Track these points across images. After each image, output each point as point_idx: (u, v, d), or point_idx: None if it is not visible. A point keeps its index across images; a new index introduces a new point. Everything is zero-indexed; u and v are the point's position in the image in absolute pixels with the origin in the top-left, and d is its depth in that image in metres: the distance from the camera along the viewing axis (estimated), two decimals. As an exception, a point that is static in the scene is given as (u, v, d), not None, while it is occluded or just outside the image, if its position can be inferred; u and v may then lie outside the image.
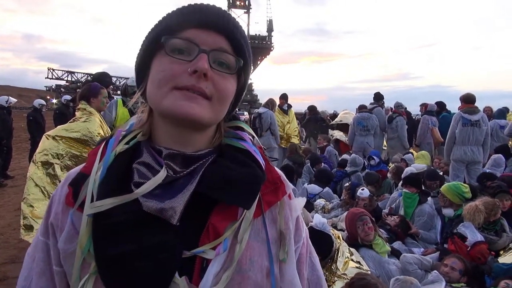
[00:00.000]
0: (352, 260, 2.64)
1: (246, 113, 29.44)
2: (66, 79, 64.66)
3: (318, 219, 2.71)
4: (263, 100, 9.67)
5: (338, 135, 8.38)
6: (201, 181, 0.62)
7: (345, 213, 3.55)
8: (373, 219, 3.22)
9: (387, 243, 3.19)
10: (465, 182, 4.88)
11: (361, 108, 7.64)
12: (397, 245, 3.45)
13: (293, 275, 0.70)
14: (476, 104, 5.56)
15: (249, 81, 0.76)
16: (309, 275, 0.81)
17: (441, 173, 5.29)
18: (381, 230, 3.43)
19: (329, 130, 9.06)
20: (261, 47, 65.20)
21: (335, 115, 10.65)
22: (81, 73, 65.08)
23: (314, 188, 5.11)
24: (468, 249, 3.04)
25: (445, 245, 3.34)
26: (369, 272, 2.60)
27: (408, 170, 4.76)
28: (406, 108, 8.16)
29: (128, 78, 4.39)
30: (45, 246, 0.68)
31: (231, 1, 63.85)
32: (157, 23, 0.66)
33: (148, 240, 0.57)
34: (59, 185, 0.71)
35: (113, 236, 0.58)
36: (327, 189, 5.15)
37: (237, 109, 0.78)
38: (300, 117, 11.05)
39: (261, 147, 0.76)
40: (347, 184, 4.84)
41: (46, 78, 64.14)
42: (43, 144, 3.08)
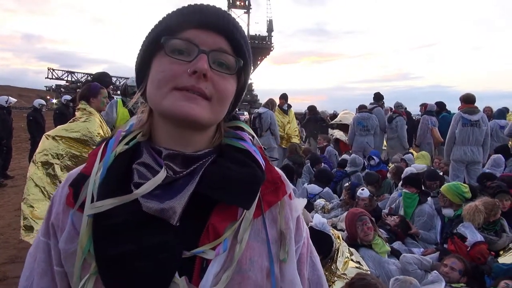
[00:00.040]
0: (352, 260, 2.65)
1: (246, 113, 29.44)
2: (66, 79, 64.71)
3: (318, 219, 2.71)
4: (263, 100, 9.67)
5: (338, 134, 8.39)
6: (201, 181, 0.62)
7: (345, 213, 3.55)
8: (373, 219, 3.22)
9: (387, 243, 3.19)
10: (465, 182, 4.88)
11: (361, 108, 7.65)
12: (397, 245, 3.46)
13: (294, 275, 0.70)
14: (476, 104, 5.56)
15: (249, 81, 0.76)
16: (310, 275, 0.80)
17: (441, 173, 5.29)
18: (381, 230, 3.43)
19: (329, 129, 9.06)
20: (261, 47, 65.21)
21: (335, 115, 10.65)
22: (81, 73, 65.19)
23: (314, 188, 5.11)
24: (468, 249, 3.04)
25: (445, 245, 3.34)
26: (369, 272, 2.60)
27: (408, 170, 4.75)
28: (406, 108, 8.16)
29: (128, 78, 4.38)
30: (46, 246, 0.68)
31: (231, 1, 63.87)
32: (157, 23, 0.66)
33: (148, 240, 0.57)
34: (60, 185, 0.71)
35: (113, 236, 0.58)
36: (327, 189, 5.15)
37: (237, 109, 0.78)
38: (300, 117, 11.04)
39: (261, 147, 0.76)
40: (347, 184, 4.84)
41: (46, 78, 64.27)
42: (43, 144, 3.08)
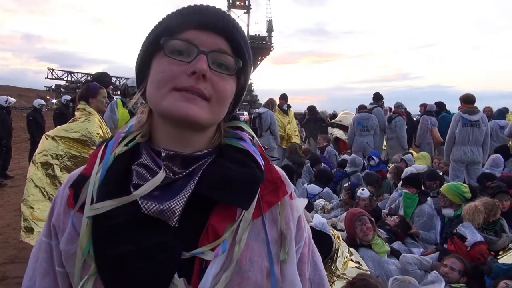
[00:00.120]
0: (351, 260, 2.65)
1: (246, 113, 29.44)
2: (66, 79, 64.75)
3: (318, 219, 2.71)
4: (262, 100, 9.66)
5: (338, 133, 8.39)
6: (200, 181, 0.62)
7: (345, 213, 3.55)
8: (372, 219, 3.22)
9: (387, 243, 3.19)
10: (464, 182, 4.88)
11: (361, 108, 7.66)
12: (397, 245, 3.46)
13: (294, 275, 0.70)
14: (476, 104, 5.56)
15: (249, 81, 0.76)
16: (311, 275, 0.80)
17: (441, 173, 5.29)
18: (381, 230, 3.43)
19: (329, 128, 9.05)
20: (261, 47, 65.25)
21: (334, 115, 10.64)
22: (81, 73, 65.28)
23: (314, 188, 5.12)
24: (467, 250, 3.04)
25: (445, 245, 3.34)
26: (369, 272, 2.60)
27: (408, 170, 4.75)
28: (405, 108, 8.17)
29: (128, 78, 4.36)
30: (48, 247, 0.68)
31: (231, 2, 63.92)
32: (157, 24, 0.66)
33: (147, 241, 0.57)
34: (61, 186, 0.71)
35: (112, 237, 0.58)
36: (327, 189, 5.15)
37: (236, 109, 0.78)
38: (299, 117, 11.05)
39: (261, 146, 0.76)
40: (347, 184, 4.84)
41: (46, 78, 64.34)
42: (42, 144, 3.07)
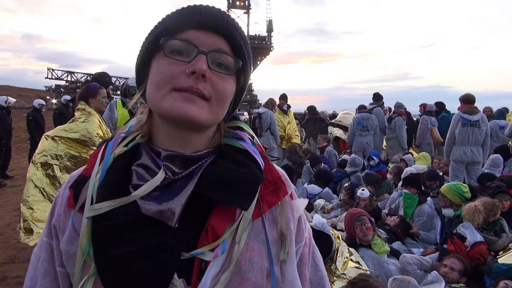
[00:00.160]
0: (351, 260, 2.65)
1: (245, 113, 29.45)
2: (65, 79, 64.77)
3: (317, 219, 2.71)
4: (262, 100, 9.67)
5: (338, 133, 8.38)
6: (200, 182, 0.62)
7: (345, 214, 3.55)
8: (372, 219, 3.22)
9: (386, 243, 3.19)
10: (464, 182, 4.88)
11: (361, 108, 7.66)
12: (397, 245, 3.46)
13: (294, 276, 0.70)
14: (475, 104, 5.56)
15: (249, 81, 0.76)
16: (312, 275, 0.79)
17: (441, 174, 5.29)
18: (381, 230, 3.43)
19: (329, 127, 9.05)
20: (260, 47, 65.34)
21: (334, 115, 10.65)
22: (81, 73, 65.31)
23: (314, 188, 5.12)
24: (467, 250, 3.04)
25: (445, 246, 3.34)
26: (368, 271, 2.60)
27: (408, 170, 4.75)
28: (405, 108, 8.17)
29: (128, 78, 4.33)
30: (49, 247, 0.69)
31: (230, 2, 64.03)
32: (157, 24, 0.66)
33: (146, 242, 0.57)
34: (62, 187, 0.72)
35: (112, 238, 0.58)
36: (326, 189, 5.15)
37: (236, 109, 0.78)
38: (299, 117, 11.05)
39: (261, 146, 0.75)
40: (347, 184, 4.84)
41: (45, 78, 64.36)
42: (42, 144, 3.07)
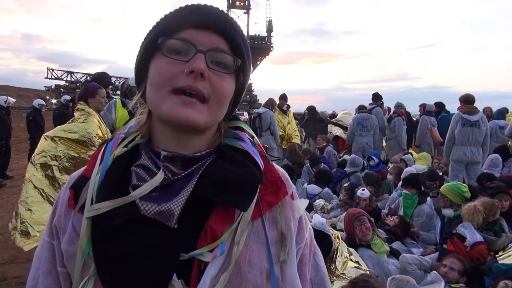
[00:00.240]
0: (351, 260, 2.65)
1: (245, 113, 29.44)
2: (65, 79, 64.80)
3: (317, 219, 2.72)
4: (262, 100, 9.68)
5: (338, 132, 8.37)
6: (199, 183, 0.62)
7: (344, 214, 3.55)
8: (371, 219, 3.22)
9: (386, 243, 3.18)
10: (464, 182, 4.88)
11: (361, 108, 7.66)
12: (397, 245, 3.45)
13: (294, 276, 0.69)
14: (475, 104, 5.56)
15: (249, 81, 0.76)
16: (313, 276, 0.79)
17: (441, 174, 5.28)
18: (380, 230, 3.43)
19: (329, 126, 9.04)
20: (260, 47, 65.37)
21: (334, 116, 10.65)
22: (81, 73, 65.39)
23: (314, 188, 5.11)
24: (467, 250, 3.04)
25: (444, 246, 3.34)
26: (368, 271, 2.60)
27: (408, 170, 4.75)
28: (405, 108, 8.17)
29: (127, 78, 4.29)
30: (51, 247, 0.69)
31: (230, 2, 64.10)
32: (155, 24, 0.66)
33: (145, 242, 0.57)
34: (63, 187, 0.72)
35: (111, 238, 0.58)
36: (326, 189, 5.15)
37: (236, 109, 0.78)
38: (299, 117, 11.05)
39: (262, 146, 0.75)
40: (346, 184, 4.84)
41: (45, 78, 64.45)
42: (41, 145, 3.07)
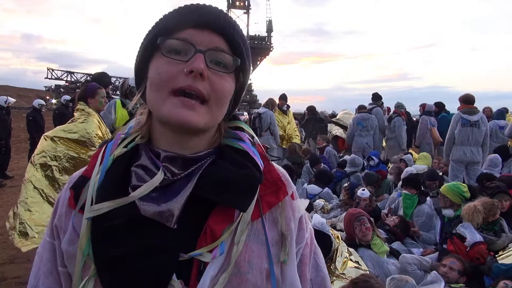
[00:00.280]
0: (350, 260, 2.65)
1: (245, 113, 29.43)
2: (65, 79, 64.76)
3: (317, 219, 2.72)
4: (262, 100, 9.68)
5: (338, 132, 8.36)
6: (199, 183, 0.62)
7: (344, 214, 3.55)
8: (371, 219, 3.22)
9: (386, 243, 3.18)
10: (464, 182, 4.87)
11: (361, 108, 7.66)
12: (396, 245, 3.45)
13: (294, 277, 0.69)
14: (475, 104, 5.56)
15: (249, 82, 0.76)
16: (313, 276, 0.79)
17: (441, 174, 5.28)
18: (380, 230, 3.43)
19: (329, 125, 9.03)
20: (260, 47, 65.36)
21: (333, 115, 10.65)
22: (81, 73, 65.33)
23: (313, 188, 5.11)
24: (467, 250, 3.04)
25: (444, 246, 3.34)
26: (368, 271, 2.60)
27: (408, 170, 4.75)
28: (405, 108, 8.17)
29: (127, 78, 4.27)
30: (52, 247, 0.69)
31: (230, 2, 64.12)
32: (154, 24, 0.66)
33: (145, 243, 0.57)
34: (64, 187, 0.72)
35: (111, 239, 0.58)
36: (326, 189, 5.15)
37: (236, 109, 0.77)
38: (299, 117, 11.06)
39: (262, 146, 0.75)
40: (346, 184, 4.84)
41: (45, 78, 64.38)
42: (41, 145, 3.07)
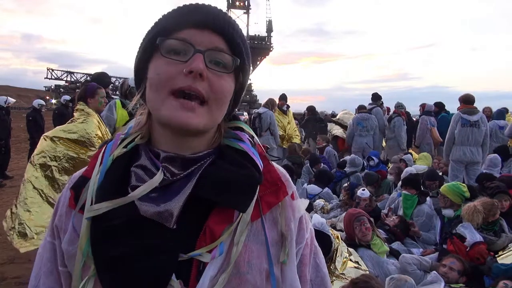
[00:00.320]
0: (350, 260, 2.65)
1: (245, 113, 29.43)
2: (65, 79, 64.74)
3: (317, 219, 2.72)
4: (262, 100, 9.68)
5: (338, 131, 8.36)
6: (198, 183, 0.61)
7: (344, 214, 3.55)
8: (371, 219, 3.21)
9: (386, 243, 3.18)
10: (464, 182, 4.87)
11: (361, 108, 7.66)
12: (396, 245, 3.45)
13: (293, 277, 0.69)
14: (475, 104, 5.56)
15: (249, 82, 0.76)
16: (313, 276, 0.79)
17: (441, 174, 5.28)
18: (380, 230, 3.43)
19: (329, 124, 9.02)
20: (260, 47, 65.37)
21: (333, 115, 10.66)
22: (81, 73, 65.33)
23: (313, 188, 5.11)
24: (467, 250, 3.04)
25: (444, 246, 3.34)
26: (368, 271, 2.60)
27: (408, 170, 4.74)
28: (405, 108, 8.17)
29: (127, 78, 4.26)
30: (52, 246, 0.69)
31: (230, 2, 64.13)
32: (154, 24, 0.66)
33: (145, 243, 0.57)
34: (64, 188, 0.72)
35: (110, 239, 0.58)
36: (326, 189, 5.15)
37: (236, 109, 0.77)
38: (299, 117, 11.06)
39: (262, 146, 0.75)
40: (346, 184, 4.84)
41: (45, 78, 64.35)
42: (41, 145, 3.07)
